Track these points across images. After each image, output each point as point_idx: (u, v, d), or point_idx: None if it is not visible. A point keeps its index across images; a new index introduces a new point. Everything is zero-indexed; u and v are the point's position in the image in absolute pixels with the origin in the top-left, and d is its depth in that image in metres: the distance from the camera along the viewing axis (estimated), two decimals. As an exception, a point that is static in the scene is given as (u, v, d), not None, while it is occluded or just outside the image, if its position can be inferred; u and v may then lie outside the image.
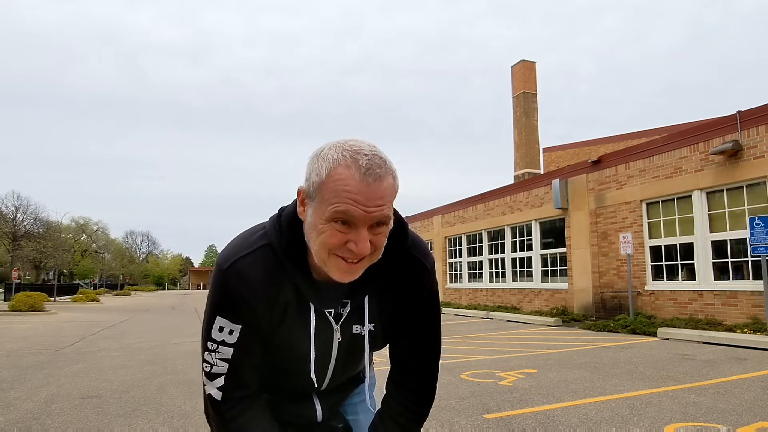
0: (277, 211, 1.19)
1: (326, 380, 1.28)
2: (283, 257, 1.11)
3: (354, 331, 1.22)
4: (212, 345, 1.13)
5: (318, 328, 1.18)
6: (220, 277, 1.11)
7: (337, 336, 1.21)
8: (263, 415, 1.20)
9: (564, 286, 15.54)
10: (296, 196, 1.10)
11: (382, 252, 1.07)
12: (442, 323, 1.36)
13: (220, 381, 1.14)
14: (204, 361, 1.15)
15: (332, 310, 1.18)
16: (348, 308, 1.20)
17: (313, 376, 1.22)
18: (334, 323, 1.19)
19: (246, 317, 1.11)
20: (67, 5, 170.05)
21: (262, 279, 1.10)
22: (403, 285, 1.22)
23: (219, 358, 1.13)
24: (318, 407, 1.36)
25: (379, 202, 0.98)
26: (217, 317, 1.12)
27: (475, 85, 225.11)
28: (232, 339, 1.12)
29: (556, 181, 15.54)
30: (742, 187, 10.81)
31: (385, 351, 1.39)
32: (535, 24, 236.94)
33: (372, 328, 1.25)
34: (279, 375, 1.28)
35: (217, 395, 1.14)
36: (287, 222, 1.13)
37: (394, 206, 1.15)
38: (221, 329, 1.12)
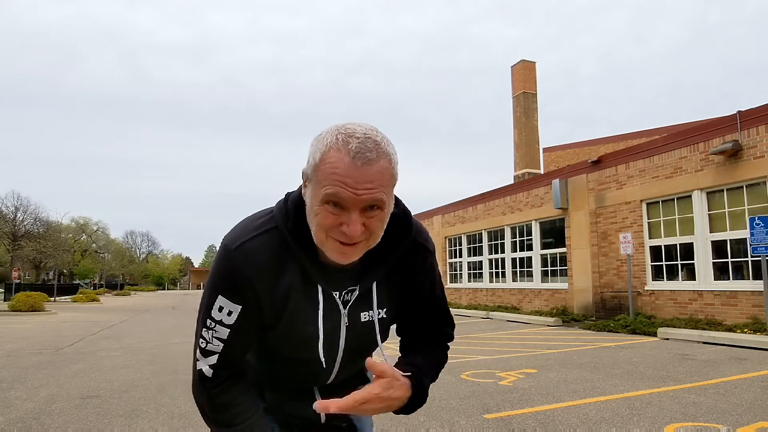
0: (284, 196, 1.20)
1: (334, 371, 1.28)
2: (290, 240, 1.12)
3: (363, 319, 1.23)
4: (210, 323, 1.14)
5: (326, 310, 1.18)
6: (225, 257, 1.12)
7: (344, 321, 1.21)
8: (249, 391, 1.23)
9: (564, 286, 15.54)
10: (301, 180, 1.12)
11: (380, 237, 1.09)
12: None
13: (213, 359, 1.16)
14: (200, 337, 1.17)
15: (340, 294, 1.19)
16: (356, 293, 1.21)
17: (322, 357, 1.22)
18: (341, 307, 1.20)
19: (247, 299, 1.12)
20: (69, 5, 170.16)
21: (269, 261, 1.12)
22: (408, 270, 1.25)
23: (215, 337, 1.15)
24: None
25: (368, 185, 0.99)
26: (219, 296, 1.13)
27: (476, 84, 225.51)
28: (230, 320, 1.13)
29: (556, 181, 15.54)
30: (742, 187, 10.81)
31: (387, 350, 1.39)
32: (537, 23, 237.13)
33: (384, 315, 1.26)
34: (285, 366, 1.28)
35: (208, 372, 1.16)
36: (294, 206, 1.15)
37: (397, 196, 1.16)
38: (221, 309, 1.13)
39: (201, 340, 1.17)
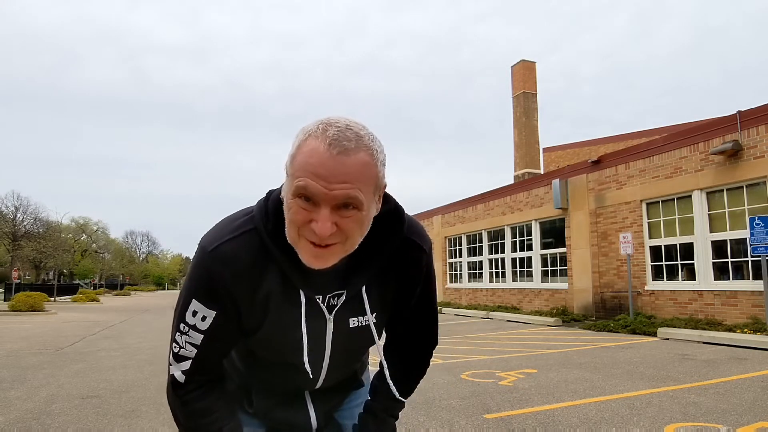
0: (265, 194, 1.13)
1: (321, 377, 1.22)
2: (269, 242, 1.05)
3: (352, 325, 1.15)
4: (184, 327, 1.09)
5: (309, 316, 1.11)
6: (201, 259, 1.06)
7: (330, 327, 1.14)
8: (226, 398, 1.18)
9: (564, 286, 15.54)
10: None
11: (357, 241, 1.00)
12: (441, 322, 1.37)
13: (186, 365, 1.11)
14: (174, 341, 1.12)
15: (324, 299, 1.12)
16: (343, 298, 1.12)
17: (307, 366, 1.15)
18: (326, 313, 1.13)
19: (223, 304, 1.06)
20: (70, 5, 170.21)
21: (247, 265, 1.05)
22: (400, 270, 1.16)
23: (189, 342, 1.09)
24: (312, 413, 1.30)
25: (343, 179, 0.90)
26: (193, 300, 1.07)
27: (478, 85, 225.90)
28: (204, 325, 1.07)
29: (556, 181, 15.54)
30: (742, 187, 10.81)
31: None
32: (538, 24, 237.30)
33: (375, 320, 1.18)
34: (271, 371, 1.22)
35: (181, 378, 1.11)
36: (274, 205, 1.07)
37: (388, 193, 1.08)
38: (195, 313, 1.07)
39: (174, 344, 1.11)
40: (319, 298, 1.11)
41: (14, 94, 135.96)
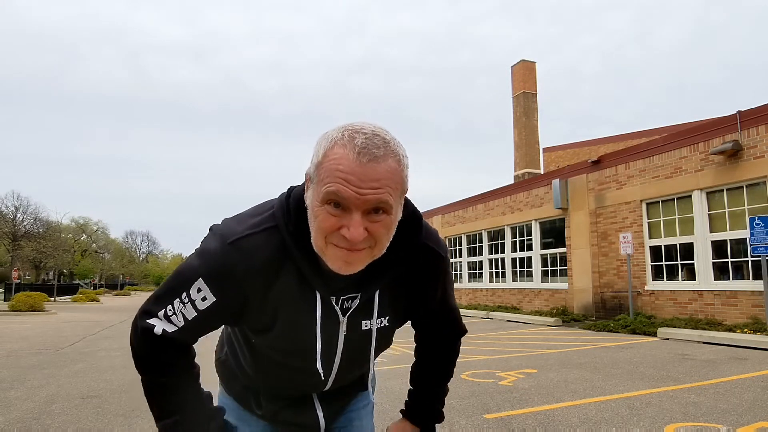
0: (287, 190, 1.12)
1: (331, 378, 1.23)
2: (290, 241, 1.04)
3: (364, 327, 1.16)
4: (185, 298, 1.07)
5: (324, 318, 1.11)
6: (220, 248, 1.05)
7: (342, 329, 1.14)
8: (192, 360, 1.19)
9: (564, 286, 15.54)
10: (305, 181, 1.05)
11: (385, 246, 1.00)
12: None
13: (170, 328, 1.10)
14: (170, 303, 1.10)
15: (339, 301, 1.12)
16: (357, 301, 1.13)
17: (320, 368, 1.16)
18: (340, 315, 1.13)
19: (226, 295, 1.06)
20: (71, 4, 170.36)
21: (264, 263, 1.04)
22: (417, 275, 1.17)
23: (182, 312, 1.08)
24: (320, 413, 1.30)
25: (374, 185, 0.92)
26: (200, 279, 1.06)
27: (479, 84, 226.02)
28: (202, 306, 1.07)
29: (556, 181, 15.54)
30: (742, 187, 10.81)
31: (387, 351, 1.40)
32: (540, 23, 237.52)
33: (386, 323, 1.19)
34: (281, 373, 1.22)
35: (159, 331, 1.11)
36: (296, 204, 1.06)
37: (407, 197, 1.08)
38: (199, 291, 1.06)
39: (169, 306, 1.09)
40: (333, 300, 1.11)
41: (15, 94, 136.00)
